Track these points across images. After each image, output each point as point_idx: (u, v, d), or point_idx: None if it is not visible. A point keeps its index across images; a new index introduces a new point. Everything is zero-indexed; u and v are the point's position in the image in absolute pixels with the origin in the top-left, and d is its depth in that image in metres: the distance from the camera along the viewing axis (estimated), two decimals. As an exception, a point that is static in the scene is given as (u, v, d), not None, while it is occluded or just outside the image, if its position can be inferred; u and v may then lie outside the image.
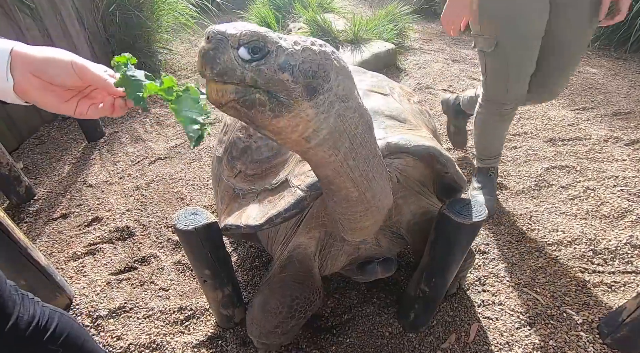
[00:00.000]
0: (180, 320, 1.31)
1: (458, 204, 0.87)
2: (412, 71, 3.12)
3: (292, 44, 0.53)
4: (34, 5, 2.26)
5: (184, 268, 1.50)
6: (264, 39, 0.50)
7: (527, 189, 1.80)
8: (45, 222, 1.74)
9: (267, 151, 1.02)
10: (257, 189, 1.00)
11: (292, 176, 0.90)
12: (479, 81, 2.91)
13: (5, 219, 1.07)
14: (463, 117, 1.98)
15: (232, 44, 0.49)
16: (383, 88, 1.14)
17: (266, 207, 0.91)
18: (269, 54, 0.50)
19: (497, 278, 1.39)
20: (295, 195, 0.85)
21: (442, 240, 0.90)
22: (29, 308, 0.74)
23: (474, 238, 0.92)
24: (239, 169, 1.08)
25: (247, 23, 0.53)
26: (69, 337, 0.81)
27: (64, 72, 0.49)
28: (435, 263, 0.97)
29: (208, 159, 2.14)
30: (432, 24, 4.45)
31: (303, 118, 0.54)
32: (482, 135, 1.62)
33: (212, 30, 0.50)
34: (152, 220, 1.73)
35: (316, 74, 0.53)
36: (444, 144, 2.16)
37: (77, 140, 2.34)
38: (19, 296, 0.73)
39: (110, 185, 1.96)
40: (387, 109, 1.01)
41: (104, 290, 1.42)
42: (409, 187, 1.02)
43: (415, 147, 0.86)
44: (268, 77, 0.50)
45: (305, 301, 0.97)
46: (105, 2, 2.76)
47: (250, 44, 0.49)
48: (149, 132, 2.41)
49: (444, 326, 1.23)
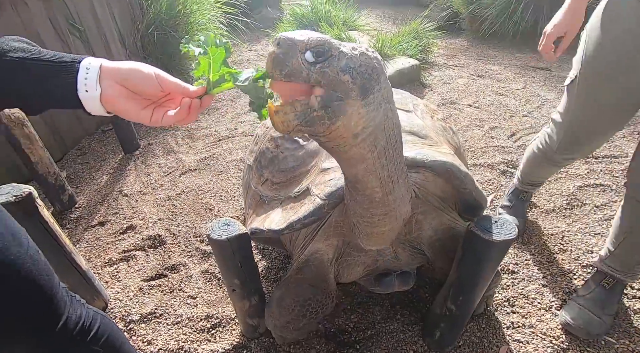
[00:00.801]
0: (207, 328, 1.34)
1: (487, 221, 0.87)
2: (436, 87, 3.12)
3: (350, 49, 0.59)
4: (83, 28, 2.46)
5: (211, 277, 1.55)
6: (328, 44, 0.56)
7: (559, 208, 1.74)
8: (84, 228, 1.86)
9: (293, 161, 1.08)
10: (281, 196, 1.06)
11: (313, 185, 0.95)
12: (504, 96, 2.87)
13: (55, 225, 1.16)
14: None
15: (299, 48, 0.55)
16: (406, 105, 1.17)
17: (288, 213, 0.97)
18: (331, 57, 0.56)
19: (527, 299, 1.35)
20: (314, 203, 0.90)
21: (470, 257, 0.90)
22: (77, 309, 0.79)
23: (502, 257, 0.91)
24: (266, 177, 1.14)
25: (310, 31, 0.59)
26: (109, 338, 0.85)
27: (146, 81, 0.55)
28: (462, 281, 0.96)
29: (235, 171, 2.21)
30: (457, 40, 4.45)
31: (355, 116, 0.60)
32: (531, 163, 1.48)
33: (282, 37, 0.56)
34: (181, 229, 1.80)
35: (370, 76, 0.60)
36: (470, 160, 2.13)
37: (114, 152, 2.49)
38: (69, 297, 0.79)
39: (144, 194, 2.07)
40: (409, 124, 1.04)
41: (137, 296, 1.48)
42: (428, 202, 1.03)
43: (432, 162, 0.88)
44: (331, 78, 0.56)
45: (317, 303, 1.02)
46: (145, 24, 2.96)
47: (315, 49, 0.55)
48: (180, 145, 2.53)
49: (470, 347, 1.20)
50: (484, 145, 2.26)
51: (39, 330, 0.71)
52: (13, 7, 2.01)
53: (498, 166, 2.05)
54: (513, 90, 2.94)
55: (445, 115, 2.66)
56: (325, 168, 0.96)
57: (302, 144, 1.06)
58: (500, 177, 1.98)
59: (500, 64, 3.53)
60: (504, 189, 1.89)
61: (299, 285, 1.02)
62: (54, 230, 1.16)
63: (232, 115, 2.90)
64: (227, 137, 2.59)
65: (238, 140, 2.53)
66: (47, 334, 0.72)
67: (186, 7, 3.06)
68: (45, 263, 0.73)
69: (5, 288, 0.63)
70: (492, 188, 1.90)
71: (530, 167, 1.49)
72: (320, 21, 3.73)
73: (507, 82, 3.10)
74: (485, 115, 2.60)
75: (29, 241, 0.70)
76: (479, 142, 2.30)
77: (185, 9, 3.07)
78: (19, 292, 0.65)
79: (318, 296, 1.02)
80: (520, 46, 3.94)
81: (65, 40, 2.35)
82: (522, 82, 3.07)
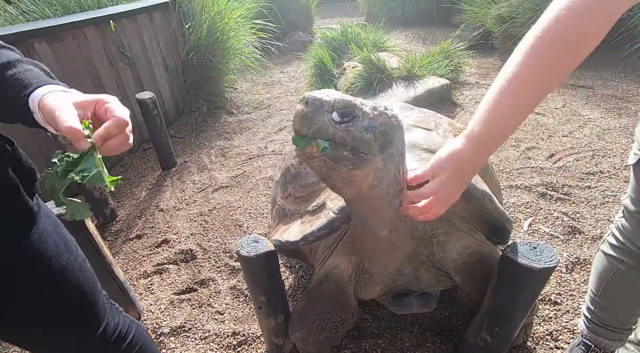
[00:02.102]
0: (233, 345, 1.35)
1: (524, 247, 0.82)
2: (467, 106, 3.06)
3: (371, 110, 0.64)
4: (132, 56, 2.69)
5: (239, 293, 1.57)
6: (353, 106, 0.61)
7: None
8: (123, 241, 1.96)
9: (313, 177, 1.11)
10: (301, 210, 1.10)
11: (329, 199, 0.99)
12: (541, 115, 2.76)
13: (98, 237, 1.24)
14: None
15: (327, 108, 0.60)
16: (428, 123, 1.18)
17: (305, 226, 1.01)
18: (355, 118, 0.61)
19: (573, 334, 1.24)
20: (328, 216, 0.93)
21: (505, 285, 0.85)
22: (115, 316, 0.83)
23: (543, 286, 0.85)
24: (290, 192, 1.18)
25: (336, 91, 0.64)
26: (142, 347, 0.88)
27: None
28: (497, 310, 0.90)
29: (264, 188, 2.26)
30: (489, 59, 4.39)
31: (373, 169, 0.65)
32: (603, 288, 0.99)
33: (310, 97, 0.60)
34: (212, 245, 1.85)
35: (389, 134, 0.65)
36: (505, 181, 2.05)
37: (153, 169, 2.63)
38: (109, 305, 0.83)
39: (178, 210, 2.16)
40: (427, 142, 1.04)
41: (168, 308, 1.53)
42: (449, 222, 1.01)
43: None
44: (355, 136, 0.61)
45: (336, 318, 1.02)
46: (186, 50, 3.19)
47: (341, 110, 0.60)
48: (214, 163, 2.63)
49: (509, 383, 1.12)
50: (520, 166, 2.16)
51: (81, 334, 0.75)
52: (74, 39, 2.24)
53: (536, 188, 1.95)
54: (551, 109, 2.82)
55: (478, 134, 2.59)
56: None
57: None
58: (539, 200, 1.87)
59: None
60: (543, 213, 1.78)
61: (318, 299, 1.04)
62: (97, 242, 1.24)
63: (263, 135, 3.00)
64: (258, 156, 2.67)
65: (268, 159, 2.60)
66: (88, 338, 0.76)
67: (224, 34, 3.27)
68: (90, 271, 0.78)
69: (55, 292, 0.68)
70: (529, 212, 1.80)
71: (609, 291, 0.98)
72: (349, 44, 3.82)
73: (545, 101, 2.98)
74: (521, 135, 2.50)
75: (78, 250, 0.75)
76: (514, 162, 2.20)
77: (223, 36, 3.27)
78: (66, 296, 0.70)
79: (337, 311, 1.02)
80: (557, 64, 3.80)
81: (115, 66, 2.57)
82: (561, 100, 2.95)
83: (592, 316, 1.04)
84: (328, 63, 3.65)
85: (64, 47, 2.18)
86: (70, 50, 2.23)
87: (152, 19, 2.88)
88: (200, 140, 2.99)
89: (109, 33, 2.46)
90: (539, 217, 1.76)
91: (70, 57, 2.22)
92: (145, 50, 2.84)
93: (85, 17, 2.32)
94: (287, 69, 4.83)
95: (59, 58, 2.15)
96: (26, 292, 0.64)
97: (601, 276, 0.98)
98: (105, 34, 2.44)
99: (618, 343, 1.03)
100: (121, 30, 2.56)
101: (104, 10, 2.55)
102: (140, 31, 2.77)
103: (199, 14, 3.09)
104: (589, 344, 1.06)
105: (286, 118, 3.30)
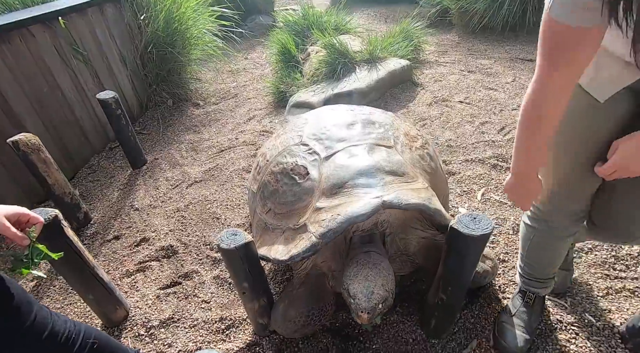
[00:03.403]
0: (221, 329, 1.45)
1: (466, 218, 0.97)
2: (428, 85, 3.21)
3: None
4: (86, 52, 2.58)
5: (222, 282, 1.66)
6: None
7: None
8: (101, 243, 1.98)
9: (291, 196, 1.18)
10: (283, 226, 1.19)
11: (310, 223, 1.08)
12: (494, 90, 2.95)
13: (78, 243, 1.28)
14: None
15: (377, 311, 0.96)
16: (388, 139, 1.25)
17: (290, 245, 1.10)
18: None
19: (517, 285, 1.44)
20: (311, 240, 1.03)
21: (453, 252, 1.00)
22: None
23: (482, 249, 1.00)
24: (269, 207, 1.26)
25: (373, 292, 0.95)
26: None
27: None
28: (449, 273, 1.06)
29: (238, 180, 2.32)
30: (448, 35, 4.53)
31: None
32: (526, 250, 1.19)
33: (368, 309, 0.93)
34: (192, 239, 1.91)
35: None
36: (462, 156, 2.22)
37: (123, 168, 2.61)
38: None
39: (154, 208, 2.18)
40: (388, 164, 1.13)
41: (155, 303, 1.60)
42: (408, 227, 1.21)
43: (406, 205, 1.01)
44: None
45: (319, 311, 1.17)
46: (144, 43, 3.08)
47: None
48: (185, 158, 2.64)
49: (465, 333, 1.30)
50: (475, 140, 2.35)
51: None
52: (21, 39, 2.13)
53: (489, 160, 2.14)
54: (503, 84, 3.02)
55: (438, 113, 2.75)
56: (319, 207, 1.09)
57: (299, 182, 1.17)
58: (491, 171, 2.07)
59: (490, 58, 3.61)
60: (494, 183, 1.98)
61: (301, 297, 1.18)
62: (78, 247, 1.27)
63: (232, 126, 3.02)
64: (229, 147, 2.70)
65: (240, 150, 2.65)
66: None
67: (182, 24, 3.17)
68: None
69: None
70: (483, 183, 1.99)
71: (530, 252, 1.18)
72: (312, 28, 3.83)
73: (497, 76, 3.18)
74: (476, 111, 2.69)
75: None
76: (470, 137, 2.39)
77: (181, 26, 3.18)
78: None
79: (319, 304, 1.17)
80: (509, 38, 4.01)
81: (69, 64, 2.47)
82: (511, 75, 3.15)
83: (523, 271, 1.26)
84: (292, 49, 3.66)
85: (11, 49, 2.08)
86: (19, 51, 2.12)
87: (104, 12, 2.76)
88: (168, 135, 2.97)
89: (58, 30, 2.35)
90: (491, 186, 1.96)
91: (19, 59, 2.12)
92: (100, 45, 2.73)
93: (29, 14, 2.20)
94: (251, 55, 4.76)
95: (7, 61, 2.05)
96: None
97: (524, 241, 1.19)
98: (55, 31, 2.33)
99: (546, 290, 1.25)
100: (71, 26, 2.45)
101: (49, 6, 2.41)
102: (92, 26, 2.65)
103: (154, 4, 2.98)
104: (525, 291, 1.28)
105: (254, 107, 3.32)
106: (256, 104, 3.39)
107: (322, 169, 1.15)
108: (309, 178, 1.15)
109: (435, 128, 2.56)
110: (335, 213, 1.02)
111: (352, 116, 1.34)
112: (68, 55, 2.45)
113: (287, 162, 1.23)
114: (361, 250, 1.08)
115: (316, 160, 1.18)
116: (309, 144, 1.24)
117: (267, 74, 4.05)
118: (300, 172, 1.18)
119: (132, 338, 1.46)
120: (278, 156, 1.28)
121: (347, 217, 0.99)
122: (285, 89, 3.27)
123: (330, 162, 1.16)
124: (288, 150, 1.27)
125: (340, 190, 1.08)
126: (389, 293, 0.98)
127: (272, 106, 3.30)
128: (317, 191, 1.12)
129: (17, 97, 2.12)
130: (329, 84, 3.02)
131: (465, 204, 1.86)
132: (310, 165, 1.17)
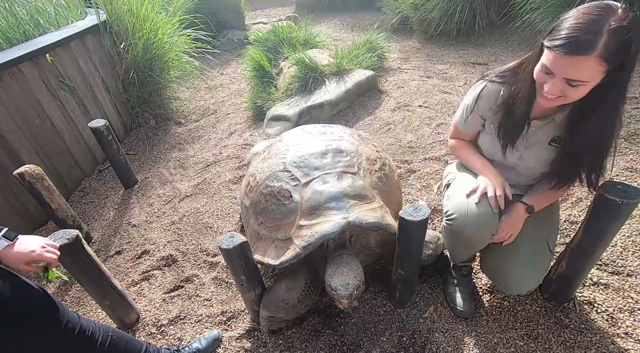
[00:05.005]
0: (223, 321, 1.70)
1: (410, 208, 1.26)
2: (391, 92, 3.54)
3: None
4: (72, 83, 2.76)
5: (221, 282, 1.90)
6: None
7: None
8: (104, 259, 2.17)
9: (279, 214, 1.47)
10: (273, 237, 1.48)
11: (294, 237, 1.39)
12: (449, 94, 3.31)
13: (95, 257, 1.49)
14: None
15: (353, 295, 1.23)
16: (353, 166, 1.51)
17: (279, 252, 1.41)
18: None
19: (467, 261, 1.75)
20: (296, 250, 1.34)
21: (403, 235, 1.29)
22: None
23: (424, 232, 1.30)
24: (261, 221, 1.54)
25: (350, 282, 1.25)
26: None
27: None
28: (402, 252, 1.35)
29: (226, 191, 2.56)
30: (409, 41, 4.91)
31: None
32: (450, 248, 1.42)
33: (345, 296, 1.21)
34: (189, 248, 2.14)
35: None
36: (421, 155, 2.54)
37: (115, 189, 2.79)
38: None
39: (150, 223, 2.39)
40: (353, 189, 1.43)
41: (162, 306, 1.82)
42: (368, 230, 1.48)
43: (366, 224, 1.34)
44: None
45: (295, 300, 1.44)
46: (124, 69, 3.27)
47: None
48: (174, 175, 2.85)
49: (424, 301, 1.60)
50: (432, 141, 2.68)
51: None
52: (11, 76, 2.30)
53: (443, 158, 2.48)
54: (456, 88, 3.39)
55: (400, 117, 3.08)
56: (301, 225, 1.38)
57: (285, 203, 1.46)
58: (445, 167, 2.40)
59: (446, 63, 3.99)
60: (449, 176, 2.31)
61: (281, 287, 1.46)
62: (95, 260, 1.49)
63: (215, 141, 3.24)
64: (214, 162, 2.93)
65: (225, 164, 2.88)
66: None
67: (159, 48, 3.38)
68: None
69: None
70: (438, 178, 2.32)
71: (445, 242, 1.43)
72: (282, 44, 4.10)
73: (451, 80, 3.55)
74: (433, 114, 3.03)
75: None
76: (428, 138, 2.72)
77: (159, 50, 3.38)
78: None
79: (296, 295, 1.43)
80: (462, 43, 4.42)
81: (57, 95, 2.64)
82: (463, 79, 3.53)
83: (450, 256, 1.52)
84: (265, 65, 3.91)
85: (2, 85, 2.24)
86: (10, 88, 2.29)
87: (85, 43, 2.93)
88: (155, 154, 3.16)
89: (45, 65, 2.52)
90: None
91: (10, 95, 2.29)
92: (84, 75, 2.91)
93: (17, 53, 2.36)
94: (227, 70, 4.98)
95: (0, 97, 2.22)
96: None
97: (446, 241, 1.44)
98: (42, 66, 2.50)
99: (472, 262, 1.57)
100: (57, 60, 2.62)
101: (35, 42, 2.58)
102: (76, 57, 2.82)
103: (132, 33, 3.17)
104: (455, 267, 1.61)
105: (234, 122, 3.55)
106: (235, 118, 3.62)
107: (302, 193, 1.44)
108: (292, 201, 1.44)
109: (398, 132, 2.88)
110: (313, 231, 1.34)
111: (324, 145, 1.59)
112: (55, 87, 2.62)
113: (274, 186, 1.51)
114: (336, 253, 1.38)
115: (297, 185, 1.47)
116: (291, 170, 1.52)
117: (244, 88, 4.29)
118: (285, 195, 1.47)
119: (145, 336, 1.68)
120: (266, 180, 1.56)
121: (322, 234, 1.32)
122: (262, 103, 3.53)
123: (309, 187, 1.44)
124: (274, 176, 1.54)
125: (316, 211, 1.39)
126: (360, 282, 1.27)
127: (251, 120, 3.54)
128: (300, 211, 1.41)
129: (11, 130, 2.29)
130: (302, 97, 3.30)
131: (424, 197, 2.17)
132: (293, 190, 1.46)
